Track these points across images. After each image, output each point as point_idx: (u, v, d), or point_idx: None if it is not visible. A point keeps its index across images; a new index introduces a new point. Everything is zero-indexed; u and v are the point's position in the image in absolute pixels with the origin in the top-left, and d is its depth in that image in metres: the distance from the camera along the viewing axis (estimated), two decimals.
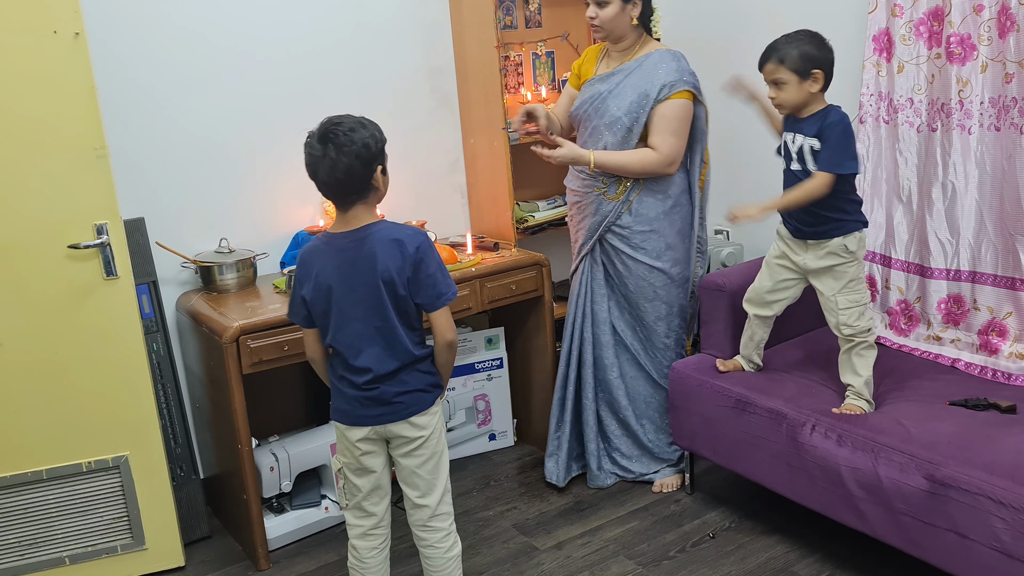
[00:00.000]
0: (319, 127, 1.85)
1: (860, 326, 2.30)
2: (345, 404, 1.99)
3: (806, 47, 2.17)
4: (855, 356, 2.33)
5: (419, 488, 2.05)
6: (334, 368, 2.01)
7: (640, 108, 2.59)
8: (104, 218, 2.31)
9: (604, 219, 2.71)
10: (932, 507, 2.00)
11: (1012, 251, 2.48)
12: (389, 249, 1.88)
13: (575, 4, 3.39)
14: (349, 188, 1.86)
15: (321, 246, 1.94)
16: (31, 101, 2.19)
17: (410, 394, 1.97)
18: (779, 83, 2.21)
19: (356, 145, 1.81)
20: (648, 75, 2.59)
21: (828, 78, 2.21)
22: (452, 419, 3.16)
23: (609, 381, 2.83)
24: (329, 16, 2.97)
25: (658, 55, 2.62)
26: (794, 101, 2.22)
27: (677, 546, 2.55)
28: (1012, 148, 2.42)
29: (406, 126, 3.17)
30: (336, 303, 1.92)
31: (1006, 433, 2.10)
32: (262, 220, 2.95)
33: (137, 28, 2.65)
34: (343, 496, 2.09)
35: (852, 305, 2.29)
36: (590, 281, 2.81)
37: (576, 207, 2.80)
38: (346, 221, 1.92)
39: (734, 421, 2.49)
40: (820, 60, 2.18)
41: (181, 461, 2.74)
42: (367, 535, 2.09)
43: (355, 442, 2.00)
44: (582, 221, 2.78)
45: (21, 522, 2.41)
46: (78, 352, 2.36)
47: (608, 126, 2.63)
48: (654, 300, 2.75)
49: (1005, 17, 2.36)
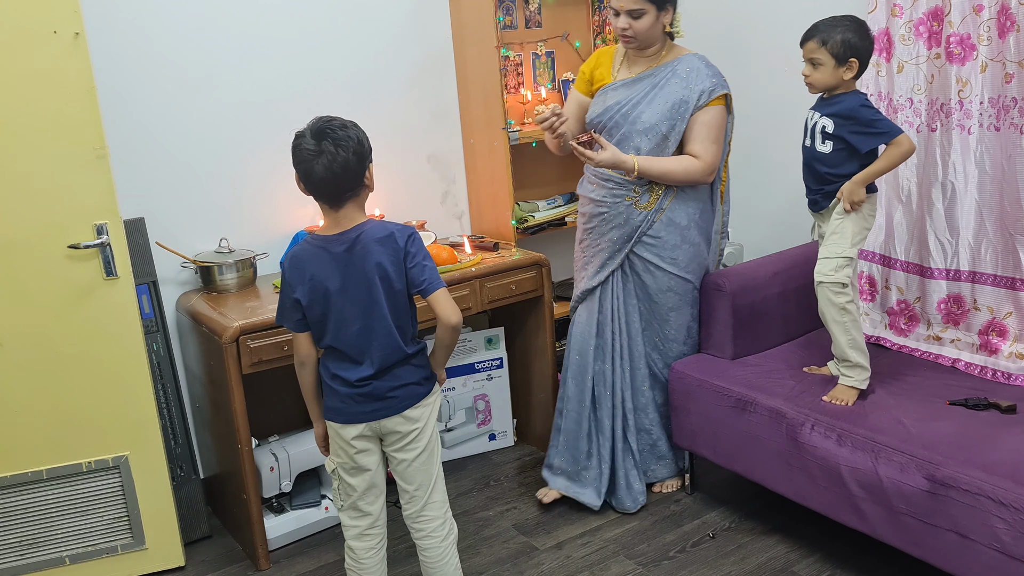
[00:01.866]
0: (311, 126, 1.86)
1: (834, 277, 2.28)
2: (338, 402, 1.99)
3: (849, 34, 2.21)
4: (831, 323, 2.32)
5: (415, 481, 2.05)
6: (327, 368, 2.00)
7: (679, 115, 2.52)
8: (104, 218, 2.31)
9: (636, 229, 2.60)
10: (932, 507, 2.00)
11: (1012, 251, 2.48)
12: (381, 247, 1.91)
13: (575, 4, 3.39)
14: (345, 184, 1.86)
15: (314, 249, 1.93)
16: (31, 101, 2.19)
17: (404, 388, 1.98)
18: (815, 63, 2.25)
19: (352, 141, 1.84)
20: (685, 81, 2.53)
21: (863, 67, 2.26)
22: (452, 419, 3.16)
23: (641, 394, 2.74)
24: (329, 16, 2.97)
25: (690, 60, 2.56)
26: (826, 83, 2.27)
27: (677, 546, 2.55)
28: (1012, 148, 2.42)
29: (406, 126, 3.18)
30: (334, 305, 1.92)
31: (1006, 433, 2.11)
32: (262, 220, 2.95)
33: (137, 28, 2.65)
34: (338, 497, 2.09)
35: (831, 256, 2.30)
36: (624, 296, 2.69)
37: (599, 219, 2.64)
38: (337, 222, 1.92)
39: (734, 421, 2.49)
40: (859, 49, 2.22)
41: (181, 461, 2.74)
42: (363, 535, 2.09)
43: (350, 440, 2.00)
44: (608, 233, 2.63)
45: (21, 522, 2.41)
46: (78, 352, 2.36)
47: (643, 133, 2.54)
48: (680, 308, 2.70)
49: (1005, 17, 2.36)
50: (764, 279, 2.72)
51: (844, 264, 2.30)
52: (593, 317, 2.71)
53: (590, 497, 2.73)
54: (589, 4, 3.43)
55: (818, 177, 2.35)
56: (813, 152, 2.34)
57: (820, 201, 2.38)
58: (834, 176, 2.31)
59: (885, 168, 2.27)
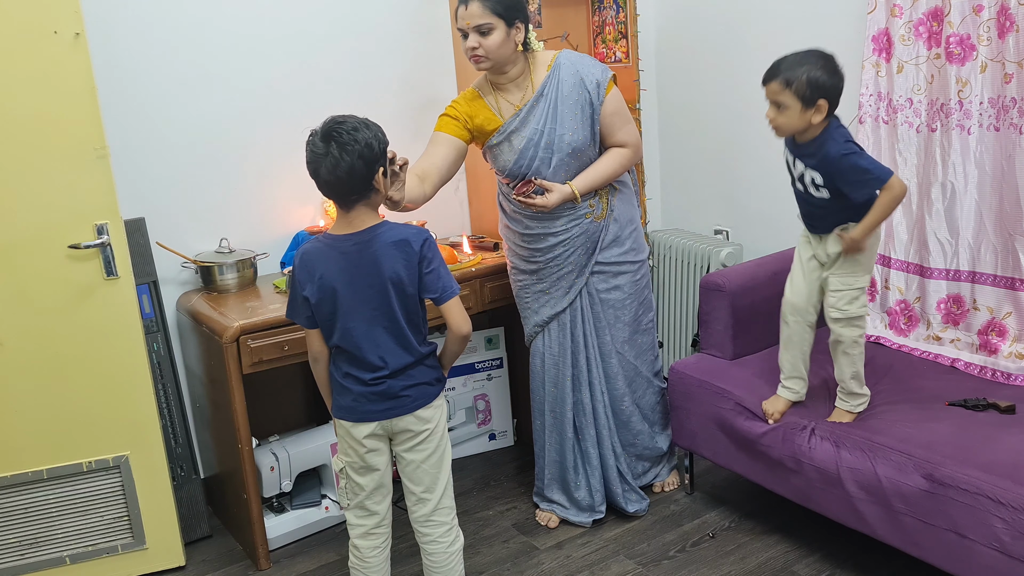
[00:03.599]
0: (323, 125, 1.86)
1: (851, 311, 2.22)
2: (351, 401, 1.99)
3: (816, 72, 2.02)
4: (841, 353, 2.27)
5: (423, 483, 2.06)
6: (338, 367, 2.00)
7: (590, 120, 2.44)
8: (104, 218, 2.31)
9: (597, 242, 2.54)
10: (931, 507, 2.00)
11: (1011, 251, 2.48)
12: (395, 251, 1.90)
13: (575, 4, 3.39)
14: (351, 188, 1.86)
15: (324, 248, 1.93)
16: (31, 101, 2.20)
17: (416, 387, 1.99)
18: (780, 105, 2.08)
19: (359, 145, 1.82)
20: (574, 86, 2.42)
21: (833, 107, 2.08)
22: (452, 419, 3.17)
23: (622, 411, 2.68)
24: (329, 16, 2.97)
25: (564, 57, 2.45)
26: (792, 127, 2.10)
27: (677, 546, 2.56)
28: (1011, 148, 2.42)
29: (406, 126, 3.17)
30: (342, 305, 1.92)
31: (1005, 433, 2.11)
32: (262, 220, 2.95)
33: (137, 28, 2.65)
34: (344, 496, 2.09)
35: (843, 288, 2.21)
36: (591, 315, 2.61)
37: (563, 246, 2.52)
38: (349, 222, 1.92)
39: (734, 421, 2.49)
40: (828, 88, 2.03)
41: (181, 461, 2.74)
42: (369, 534, 2.09)
43: (361, 439, 2.00)
44: (569, 258, 2.53)
45: (21, 522, 2.41)
46: (78, 352, 2.36)
47: (573, 155, 2.44)
48: (644, 292, 2.66)
49: (1004, 17, 2.36)
50: (764, 279, 2.72)
51: (858, 295, 2.22)
52: (565, 347, 2.62)
53: (585, 519, 2.69)
54: (589, 4, 3.43)
55: (820, 217, 2.24)
56: (810, 199, 2.20)
57: (819, 227, 2.26)
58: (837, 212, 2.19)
59: (880, 218, 2.10)
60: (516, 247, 2.61)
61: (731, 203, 3.37)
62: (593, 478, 2.68)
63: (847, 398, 2.33)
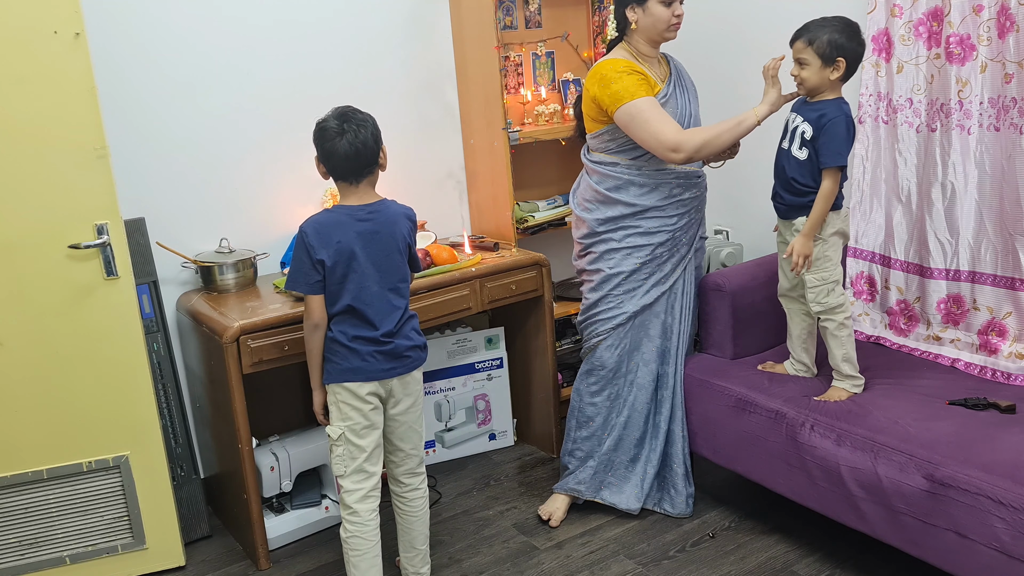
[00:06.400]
0: (332, 112, 2.08)
1: (830, 303, 2.36)
2: (359, 361, 2.11)
3: (836, 35, 2.22)
4: (830, 337, 2.39)
5: (411, 440, 2.26)
6: (344, 331, 2.11)
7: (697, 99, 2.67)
8: (104, 218, 2.31)
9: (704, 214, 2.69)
10: (932, 507, 2.00)
11: (1011, 251, 2.48)
12: (403, 220, 2.16)
13: (575, 4, 3.40)
14: (366, 159, 2.07)
15: (339, 217, 2.09)
16: (31, 101, 2.20)
17: (415, 349, 2.19)
18: (802, 63, 2.27)
19: (369, 123, 2.08)
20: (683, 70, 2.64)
21: (851, 69, 2.26)
22: (452, 419, 3.17)
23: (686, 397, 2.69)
24: (329, 16, 2.97)
25: None
26: (813, 83, 2.27)
27: (677, 546, 2.56)
28: (1011, 148, 2.42)
29: (406, 126, 3.18)
30: (357, 267, 2.08)
31: (1006, 433, 2.11)
32: (262, 220, 2.95)
33: (137, 28, 2.65)
34: (341, 464, 2.17)
35: (819, 283, 2.36)
36: (692, 285, 2.67)
37: (685, 215, 2.58)
38: (359, 196, 2.12)
39: (734, 421, 2.50)
40: (846, 49, 2.22)
41: (181, 461, 2.74)
42: (367, 497, 2.18)
43: (364, 396, 2.13)
44: (688, 228, 2.60)
45: (21, 522, 2.41)
46: (78, 352, 2.36)
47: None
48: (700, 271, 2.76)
49: (1004, 17, 2.36)
50: (764, 279, 2.73)
51: (833, 287, 2.36)
52: (659, 322, 2.61)
53: (629, 502, 2.67)
54: (589, 4, 3.44)
55: (785, 182, 2.37)
56: (788, 155, 2.35)
57: (784, 210, 2.41)
58: (799, 184, 2.33)
59: (821, 213, 2.28)
60: (626, 239, 2.54)
61: (731, 203, 3.37)
62: (654, 453, 2.65)
63: (841, 380, 2.42)
